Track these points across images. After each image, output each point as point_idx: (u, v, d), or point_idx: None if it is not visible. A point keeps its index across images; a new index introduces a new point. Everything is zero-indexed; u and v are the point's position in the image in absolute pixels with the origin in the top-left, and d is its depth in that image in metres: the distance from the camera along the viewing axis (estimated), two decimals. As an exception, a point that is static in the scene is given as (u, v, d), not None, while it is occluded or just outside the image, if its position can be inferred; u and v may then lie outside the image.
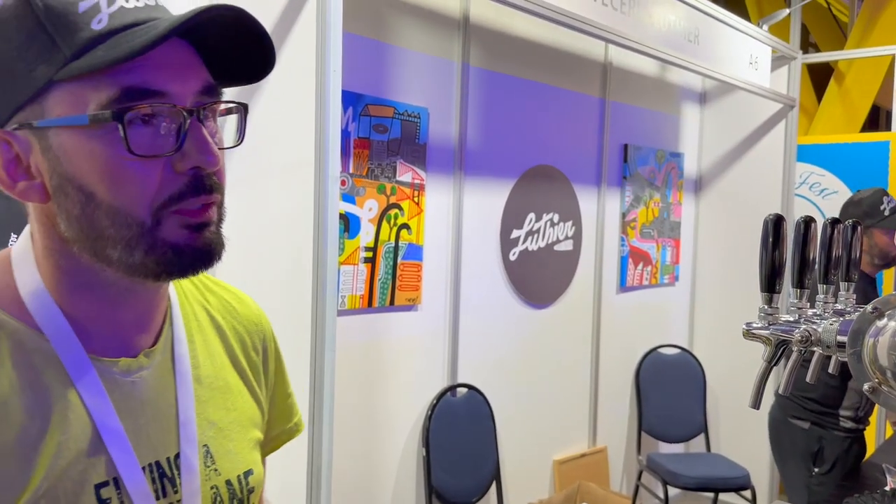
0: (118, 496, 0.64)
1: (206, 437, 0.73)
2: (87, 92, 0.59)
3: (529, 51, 2.96)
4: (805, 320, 0.83)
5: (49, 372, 0.63)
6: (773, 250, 0.81)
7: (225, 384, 0.77)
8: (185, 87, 0.62)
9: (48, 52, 0.59)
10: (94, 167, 0.60)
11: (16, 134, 0.62)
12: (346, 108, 2.27)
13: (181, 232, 0.63)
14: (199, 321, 0.78)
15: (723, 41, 3.09)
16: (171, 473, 0.68)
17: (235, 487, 0.74)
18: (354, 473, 2.44)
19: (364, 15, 2.34)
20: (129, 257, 0.62)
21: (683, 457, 3.56)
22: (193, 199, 0.62)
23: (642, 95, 3.60)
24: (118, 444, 0.64)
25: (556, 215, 3.13)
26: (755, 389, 0.83)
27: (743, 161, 3.86)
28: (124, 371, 0.67)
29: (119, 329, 0.68)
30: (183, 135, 0.61)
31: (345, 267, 2.30)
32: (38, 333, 0.63)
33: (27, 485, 0.59)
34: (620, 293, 3.58)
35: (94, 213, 0.61)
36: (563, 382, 3.28)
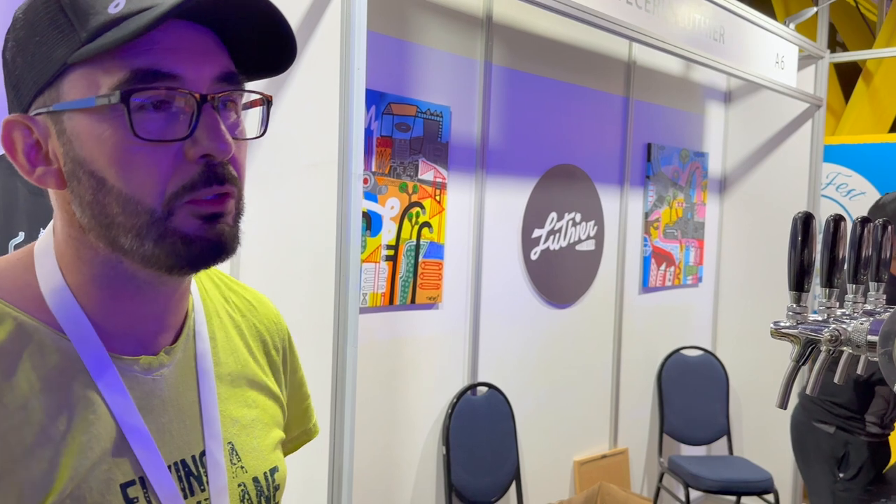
0: (145, 495, 0.63)
1: (230, 435, 0.72)
2: (99, 75, 0.58)
3: (552, 49, 2.95)
4: (834, 320, 0.81)
5: (70, 372, 0.62)
6: (802, 248, 0.80)
7: (247, 382, 0.77)
8: (200, 73, 0.60)
9: (66, 36, 0.59)
10: (104, 151, 0.59)
11: (36, 119, 0.62)
12: (368, 107, 2.27)
13: (192, 222, 0.61)
14: (221, 319, 0.78)
15: (749, 40, 3.05)
16: (197, 472, 0.67)
17: (262, 485, 0.73)
18: (375, 470, 2.45)
19: (387, 14, 2.35)
20: (140, 246, 0.61)
21: (705, 459, 3.53)
22: (205, 189, 0.61)
23: (666, 94, 3.57)
24: (142, 443, 0.63)
25: (577, 215, 3.12)
26: (782, 389, 0.82)
27: (768, 161, 3.82)
28: (145, 369, 0.66)
29: (139, 326, 0.67)
30: (195, 121, 0.59)
31: (366, 265, 2.31)
32: (58, 333, 0.63)
33: (52, 486, 0.58)
34: (643, 294, 3.55)
35: (105, 198, 0.60)
36: (584, 383, 3.27)
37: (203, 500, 0.67)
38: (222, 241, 0.62)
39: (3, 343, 0.60)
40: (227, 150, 0.61)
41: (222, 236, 0.62)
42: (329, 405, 1.76)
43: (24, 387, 0.59)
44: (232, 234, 0.63)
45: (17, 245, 1.61)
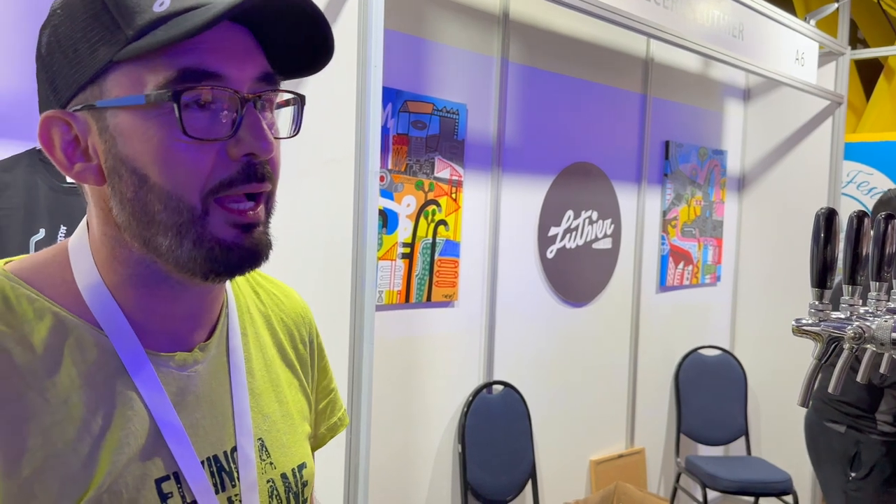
0: (179, 490, 0.63)
1: (260, 431, 0.72)
2: (145, 73, 0.58)
3: (569, 46, 2.94)
4: (857, 317, 0.80)
5: (108, 368, 0.63)
6: (824, 245, 0.79)
7: (276, 377, 0.77)
8: (242, 73, 0.61)
9: (110, 34, 0.59)
10: (149, 148, 0.59)
11: (76, 115, 0.62)
12: (385, 105, 2.27)
13: (229, 230, 0.62)
14: (252, 314, 0.78)
15: (768, 36, 3.02)
16: (229, 467, 0.68)
17: (291, 481, 0.74)
18: (391, 467, 2.45)
19: (404, 11, 2.35)
20: (178, 248, 0.61)
21: (723, 460, 3.50)
22: (244, 185, 0.61)
23: (684, 91, 3.54)
24: (177, 439, 0.64)
25: (594, 213, 3.10)
26: (804, 388, 0.81)
27: (788, 159, 3.78)
28: (180, 365, 0.67)
29: (174, 324, 0.68)
30: (238, 121, 0.60)
31: (382, 262, 2.31)
32: (96, 329, 0.63)
33: (91, 481, 0.59)
34: (660, 293, 3.53)
35: (147, 196, 0.60)
36: (600, 382, 3.25)
37: (234, 496, 0.68)
38: (258, 249, 0.63)
39: (45, 338, 0.61)
40: (270, 150, 0.61)
41: (258, 245, 0.63)
42: (345, 403, 1.76)
43: (66, 382, 0.60)
44: (266, 241, 0.65)
45: (37, 242, 1.62)
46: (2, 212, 1.59)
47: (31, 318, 0.61)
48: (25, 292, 0.62)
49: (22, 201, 1.63)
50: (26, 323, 0.61)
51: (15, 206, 1.62)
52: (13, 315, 0.61)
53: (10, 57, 1.57)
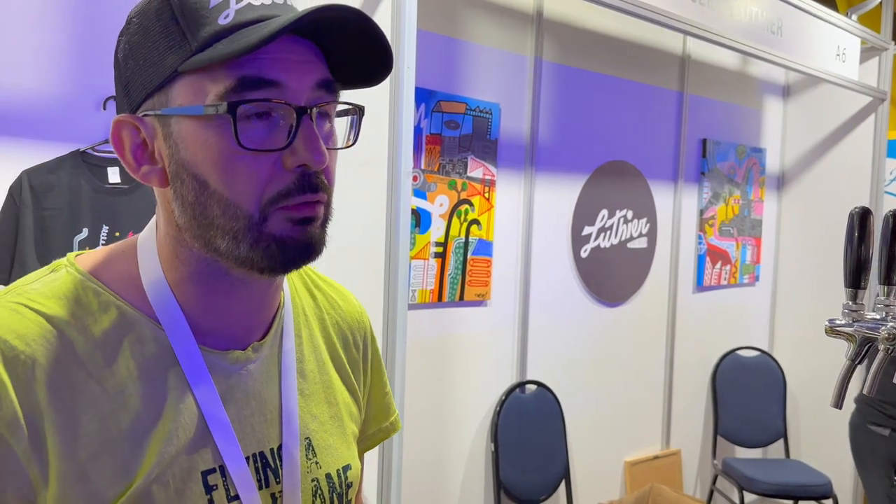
0: (224, 484, 0.66)
1: (308, 431, 0.74)
2: (207, 83, 0.61)
3: (604, 44, 2.92)
4: (893, 318, 0.79)
5: (163, 362, 0.65)
6: (858, 244, 0.78)
7: (327, 379, 0.79)
8: (301, 82, 0.62)
9: (177, 44, 0.61)
10: (208, 156, 0.62)
11: (144, 120, 0.64)
12: (418, 105, 2.29)
13: (285, 225, 0.63)
14: (307, 316, 0.80)
15: (808, 32, 2.97)
16: (274, 464, 0.70)
17: (335, 481, 0.75)
18: (424, 465, 2.46)
19: (437, 12, 2.36)
20: (236, 249, 0.63)
21: (761, 462, 3.45)
22: (299, 196, 0.63)
23: (722, 89, 3.49)
24: (224, 434, 0.66)
25: (629, 212, 3.08)
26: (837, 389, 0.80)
27: (829, 157, 3.70)
28: (233, 363, 0.69)
29: (230, 321, 0.70)
30: (294, 132, 0.62)
31: (415, 261, 2.32)
32: (155, 323, 0.66)
33: (139, 470, 0.62)
34: (697, 292, 3.49)
35: (207, 201, 0.63)
36: (635, 382, 3.23)
37: (277, 493, 0.70)
38: (312, 243, 0.65)
39: (107, 330, 0.64)
40: (323, 162, 0.63)
41: (312, 239, 0.65)
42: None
43: (124, 373, 0.63)
44: (320, 236, 0.66)
45: (81, 240, 1.67)
46: (47, 212, 1.64)
47: (96, 310, 0.64)
48: (92, 286, 0.65)
49: (66, 201, 1.68)
50: (90, 315, 0.64)
51: (60, 207, 1.67)
52: (79, 307, 0.64)
53: (53, 60, 1.62)
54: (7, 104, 1.58)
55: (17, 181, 1.61)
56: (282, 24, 0.58)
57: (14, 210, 1.62)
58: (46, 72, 1.61)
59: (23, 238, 1.64)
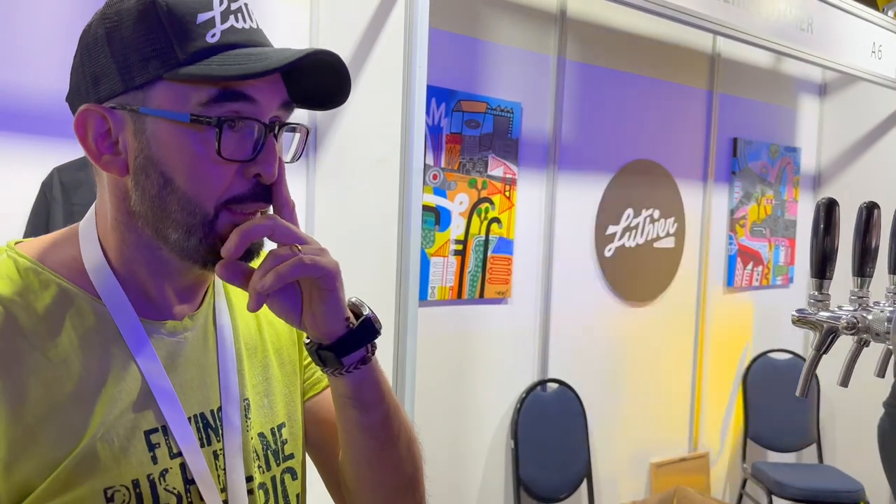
0: (166, 441, 0.71)
1: (245, 392, 0.79)
2: (189, 91, 0.67)
3: (630, 43, 2.91)
4: (864, 308, 0.79)
5: (105, 333, 0.71)
6: (824, 235, 0.78)
7: (263, 343, 0.85)
8: (270, 100, 0.69)
9: (163, 51, 0.66)
10: (181, 158, 0.67)
11: (114, 112, 0.68)
12: (438, 104, 2.32)
13: (230, 229, 0.70)
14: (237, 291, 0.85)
15: (840, 29, 2.91)
16: (214, 424, 0.76)
17: (269, 439, 0.81)
18: (444, 461, 2.49)
19: (459, 13, 2.39)
20: (186, 242, 0.69)
21: (792, 467, 3.39)
22: (252, 203, 0.70)
23: (754, 87, 3.44)
24: (165, 397, 0.72)
25: (656, 211, 3.06)
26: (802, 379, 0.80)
27: (867, 156, 3.62)
28: (170, 331, 0.75)
29: (167, 297, 0.76)
30: (260, 146, 0.69)
31: (435, 258, 2.35)
32: (96, 299, 0.71)
33: (86, 430, 0.67)
34: (727, 293, 3.45)
35: (169, 196, 0.68)
36: (662, 384, 3.20)
37: (219, 450, 0.75)
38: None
39: (48, 305, 0.69)
40: (274, 175, 0.70)
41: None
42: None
43: (66, 344, 0.68)
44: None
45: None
46: (76, 207, 1.72)
47: (37, 288, 0.69)
48: (32, 266, 0.70)
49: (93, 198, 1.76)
50: (32, 293, 0.69)
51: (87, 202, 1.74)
52: (21, 286, 0.69)
53: (82, 64, 1.69)
54: (40, 105, 1.66)
55: (49, 177, 1.69)
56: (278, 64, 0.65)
57: (45, 205, 1.70)
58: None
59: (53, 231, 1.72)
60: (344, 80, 0.72)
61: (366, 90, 1.92)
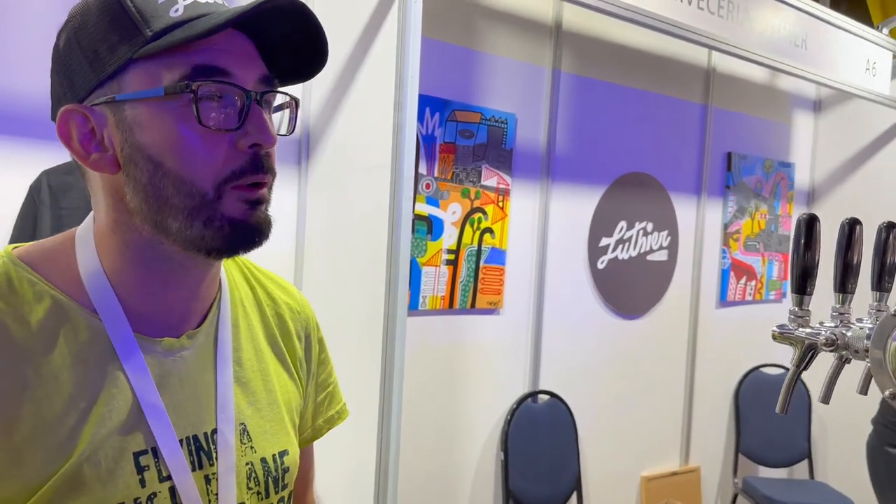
0: (156, 464, 0.68)
1: (243, 416, 0.76)
2: (162, 70, 0.65)
3: (625, 56, 2.92)
4: (845, 325, 0.79)
5: (99, 349, 0.68)
6: (805, 251, 0.78)
7: (265, 367, 0.81)
8: (247, 73, 0.68)
9: (130, 35, 0.65)
10: (165, 137, 0.66)
11: (94, 109, 0.67)
12: (432, 114, 2.32)
13: (239, 206, 0.67)
14: (245, 307, 0.82)
15: (834, 45, 2.92)
16: (207, 448, 0.72)
17: (270, 465, 0.77)
18: (433, 472, 2.48)
19: (454, 23, 2.39)
20: (189, 228, 0.67)
21: (783, 482, 3.38)
22: (252, 175, 0.68)
23: (749, 102, 3.45)
24: (157, 418, 0.69)
25: (649, 224, 3.06)
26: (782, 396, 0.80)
27: (861, 172, 3.62)
28: (167, 350, 0.72)
29: (166, 308, 0.72)
30: (245, 114, 0.67)
31: (427, 268, 2.35)
32: (91, 312, 0.68)
33: (73, 450, 0.64)
34: (720, 308, 3.44)
35: (162, 181, 0.66)
36: (653, 397, 3.19)
37: (211, 474, 0.72)
38: (262, 226, 0.69)
39: (42, 319, 0.66)
40: (273, 141, 0.68)
41: (262, 222, 0.69)
42: (376, 407, 1.80)
43: (58, 360, 0.66)
44: (268, 220, 0.70)
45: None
46: (64, 211, 1.71)
47: (31, 300, 0.67)
48: (27, 276, 0.68)
49: (83, 202, 1.75)
50: (25, 304, 0.66)
51: (77, 206, 1.74)
52: (14, 296, 0.67)
53: (74, 68, 1.69)
54: (30, 108, 1.66)
55: (37, 181, 1.68)
56: (234, 13, 0.64)
57: (33, 208, 1.70)
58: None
59: (41, 236, 1.72)
60: (313, 26, 0.70)
61: (358, 98, 1.92)
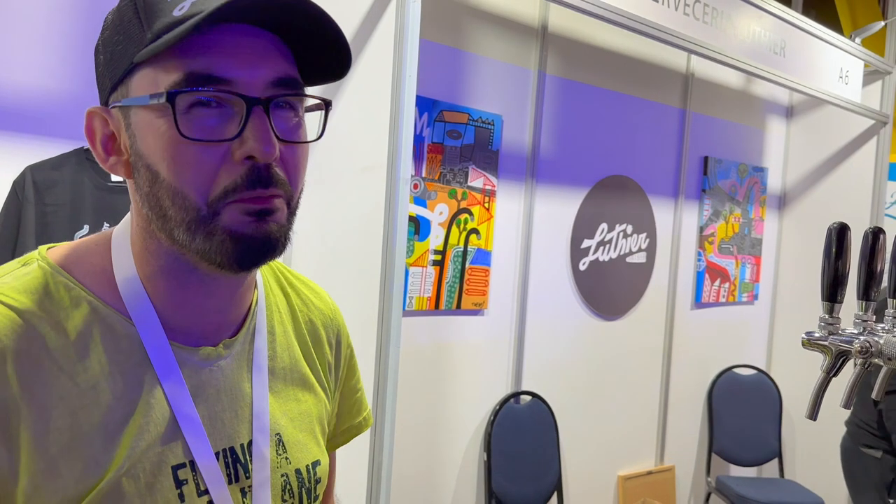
0: (194, 478, 0.66)
1: (278, 427, 0.74)
2: (161, 75, 0.61)
3: (608, 60, 2.95)
4: (869, 332, 0.80)
5: (135, 358, 0.65)
6: (836, 259, 0.80)
7: (299, 377, 0.79)
8: (254, 76, 0.61)
9: (137, 36, 0.62)
10: (159, 146, 0.62)
11: (111, 112, 0.66)
12: (421, 114, 2.31)
13: (241, 218, 0.62)
14: (281, 313, 0.80)
15: (811, 54, 2.99)
16: (244, 460, 0.70)
17: (304, 476, 0.76)
18: (416, 472, 2.47)
19: (443, 23, 2.39)
20: (192, 241, 0.63)
21: (755, 481, 3.45)
22: (248, 191, 0.62)
23: (725, 107, 3.52)
24: (193, 430, 0.66)
25: (629, 226, 3.09)
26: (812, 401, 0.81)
27: (830, 178, 3.72)
28: (203, 359, 0.69)
29: (202, 318, 0.70)
30: (243, 123, 0.61)
31: (413, 268, 2.34)
32: (126, 319, 0.66)
33: (111, 463, 0.62)
34: (695, 309, 3.50)
35: (159, 191, 0.63)
36: (631, 397, 3.23)
37: (247, 487, 0.70)
38: (270, 240, 0.64)
39: (79, 326, 0.64)
40: (271, 153, 0.62)
41: (270, 235, 0.63)
42: (371, 407, 1.79)
43: (96, 369, 0.63)
44: (281, 231, 0.64)
45: (81, 237, 1.69)
46: (49, 207, 1.67)
47: (67, 306, 0.64)
48: (64, 280, 0.65)
49: (69, 198, 1.70)
50: (62, 310, 0.64)
51: (62, 203, 1.70)
52: (50, 301, 0.64)
53: (60, 58, 1.65)
54: (13, 101, 1.61)
55: (21, 176, 1.63)
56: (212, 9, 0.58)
57: (17, 205, 1.64)
58: (52, 69, 1.64)
59: (24, 233, 1.66)
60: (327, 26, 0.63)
61: (351, 98, 1.90)
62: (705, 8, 2.51)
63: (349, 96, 1.91)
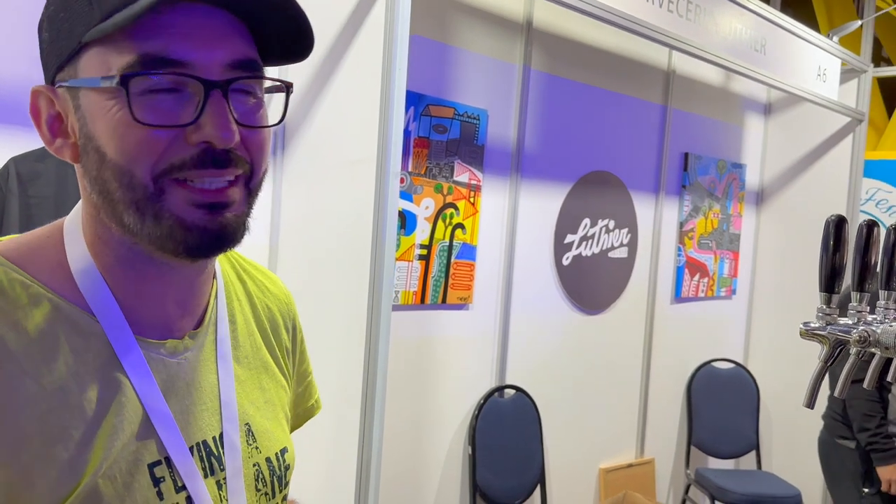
0: (171, 475, 0.64)
1: (246, 417, 0.73)
2: (113, 56, 0.58)
3: (592, 56, 2.97)
4: (864, 323, 0.82)
5: (102, 355, 0.63)
6: (833, 251, 0.81)
7: (261, 364, 0.78)
8: (211, 58, 0.59)
9: (85, 14, 0.59)
10: (108, 127, 0.59)
11: (58, 92, 0.62)
12: (407, 108, 2.31)
13: (192, 211, 0.60)
14: (240, 301, 0.79)
15: (790, 52, 3.03)
16: (217, 452, 0.69)
17: (275, 465, 0.75)
18: (401, 467, 2.48)
19: (428, 17, 2.38)
20: (141, 224, 0.60)
21: (733, 473, 3.50)
22: (198, 170, 0.60)
23: (705, 104, 3.56)
24: (166, 427, 0.65)
25: (611, 222, 3.12)
26: (810, 389, 0.83)
27: (807, 175, 3.78)
28: (170, 352, 0.67)
29: (164, 310, 0.68)
30: (201, 108, 0.59)
31: (399, 263, 2.34)
32: (89, 315, 0.63)
33: (87, 466, 0.59)
34: (675, 304, 3.54)
35: (106, 173, 0.60)
36: (612, 390, 3.26)
37: (222, 479, 0.68)
38: (225, 232, 0.62)
39: (40, 325, 0.60)
40: (230, 139, 0.60)
41: (226, 227, 0.62)
42: (359, 402, 1.79)
43: (62, 370, 0.60)
44: (238, 223, 0.63)
45: (66, 230, 1.67)
46: (33, 200, 1.64)
47: (26, 304, 0.61)
48: (19, 277, 0.62)
49: (52, 190, 1.68)
50: (20, 308, 0.60)
51: (46, 195, 1.67)
52: (5, 300, 0.60)
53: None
54: (-3, 91, 1.58)
55: (4, 168, 1.61)
56: None
57: (0, 197, 1.62)
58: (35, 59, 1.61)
59: (7, 225, 1.64)
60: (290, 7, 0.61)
61: (339, 91, 1.90)
62: (688, 5, 2.53)
63: (337, 89, 1.90)
